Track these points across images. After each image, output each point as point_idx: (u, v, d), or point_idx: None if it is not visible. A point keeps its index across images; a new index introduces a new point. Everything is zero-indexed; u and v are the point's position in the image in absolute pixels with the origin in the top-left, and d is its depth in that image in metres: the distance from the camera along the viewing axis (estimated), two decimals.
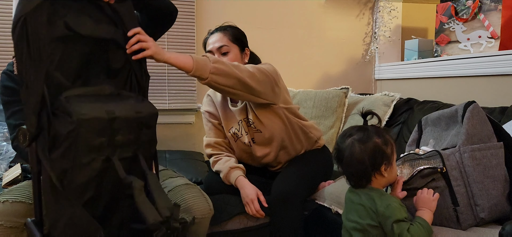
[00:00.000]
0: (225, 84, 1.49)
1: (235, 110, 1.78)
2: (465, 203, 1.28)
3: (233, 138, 1.82)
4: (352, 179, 1.30)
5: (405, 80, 2.65)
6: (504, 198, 1.31)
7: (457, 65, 2.21)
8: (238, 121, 1.78)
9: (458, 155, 1.31)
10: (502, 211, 1.30)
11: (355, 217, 1.28)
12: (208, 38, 1.80)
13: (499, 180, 1.31)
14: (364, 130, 1.27)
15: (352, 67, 2.89)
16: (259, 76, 1.59)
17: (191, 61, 1.41)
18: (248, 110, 1.74)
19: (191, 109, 2.54)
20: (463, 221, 1.27)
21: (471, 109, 1.35)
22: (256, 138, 1.77)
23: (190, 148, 2.55)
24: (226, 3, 2.60)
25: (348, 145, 1.26)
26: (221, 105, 1.84)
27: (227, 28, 1.79)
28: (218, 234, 1.71)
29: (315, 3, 2.77)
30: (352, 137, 1.27)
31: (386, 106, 2.32)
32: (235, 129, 1.80)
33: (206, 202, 1.45)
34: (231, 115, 1.81)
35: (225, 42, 1.74)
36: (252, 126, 1.75)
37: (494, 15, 2.05)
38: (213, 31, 1.80)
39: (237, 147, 1.84)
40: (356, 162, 1.25)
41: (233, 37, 1.77)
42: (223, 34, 1.76)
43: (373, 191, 1.26)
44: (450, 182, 1.28)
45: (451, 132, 1.42)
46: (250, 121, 1.75)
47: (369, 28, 2.90)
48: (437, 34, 2.39)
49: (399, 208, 1.22)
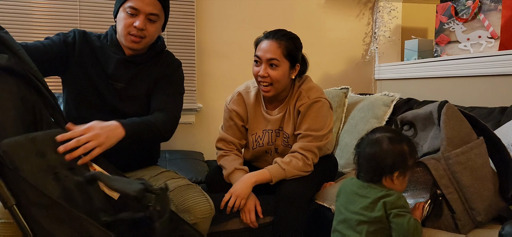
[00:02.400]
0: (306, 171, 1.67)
1: (270, 118, 1.76)
2: (461, 209, 1.27)
3: (254, 142, 1.79)
4: (368, 172, 1.29)
5: (405, 80, 2.65)
6: (497, 195, 1.31)
7: (457, 65, 2.21)
8: (267, 129, 1.77)
9: (443, 162, 1.29)
10: (498, 209, 1.31)
11: (356, 208, 1.27)
12: (261, 41, 1.68)
13: (488, 179, 1.30)
14: (399, 134, 1.30)
15: (352, 67, 2.89)
16: (323, 143, 1.72)
17: (268, 175, 1.63)
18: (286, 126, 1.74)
19: (191, 109, 2.54)
20: (462, 227, 1.27)
21: (445, 112, 1.32)
22: (281, 150, 1.77)
23: (190, 148, 2.55)
24: (226, 3, 2.60)
25: (378, 138, 1.27)
26: (253, 108, 1.78)
27: (283, 38, 1.65)
28: (218, 234, 1.71)
29: (315, 3, 2.77)
30: (384, 133, 1.28)
31: (386, 106, 2.32)
32: (258, 135, 1.78)
33: (207, 202, 1.44)
34: (260, 121, 1.78)
35: (277, 56, 1.63)
36: (285, 141, 1.75)
37: (494, 15, 2.06)
38: (269, 35, 1.67)
39: (253, 151, 1.81)
40: (378, 157, 1.26)
41: (287, 51, 1.65)
42: (278, 45, 1.64)
43: (386, 188, 1.27)
44: (442, 192, 1.27)
45: (429, 134, 1.40)
46: (286, 134, 1.74)
47: (369, 28, 2.90)
48: (437, 34, 2.40)
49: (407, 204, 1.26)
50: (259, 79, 1.66)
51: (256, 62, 1.68)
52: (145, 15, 1.47)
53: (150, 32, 1.50)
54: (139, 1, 1.45)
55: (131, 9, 1.45)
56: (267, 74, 1.64)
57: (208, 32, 2.58)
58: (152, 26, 1.50)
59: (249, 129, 1.80)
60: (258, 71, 1.65)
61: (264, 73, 1.64)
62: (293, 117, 1.73)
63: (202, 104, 2.59)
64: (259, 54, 1.65)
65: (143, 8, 1.46)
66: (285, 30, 1.69)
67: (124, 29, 1.47)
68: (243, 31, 2.62)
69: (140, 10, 1.46)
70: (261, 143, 1.78)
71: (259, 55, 1.65)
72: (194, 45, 2.52)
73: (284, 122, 1.74)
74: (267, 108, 1.78)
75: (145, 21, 1.47)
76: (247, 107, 1.79)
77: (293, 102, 1.73)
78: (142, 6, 1.45)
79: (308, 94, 1.70)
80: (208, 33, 2.58)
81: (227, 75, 2.62)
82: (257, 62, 1.67)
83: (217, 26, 2.59)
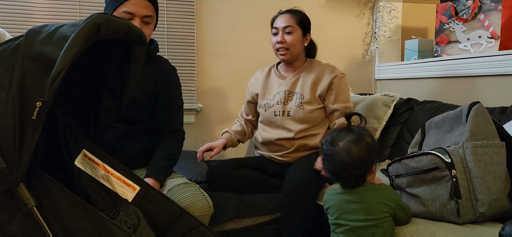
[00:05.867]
0: None
1: (282, 82, 1.98)
2: (467, 197, 1.30)
3: (266, 105, 1.99)
4: (351, 180, 1.31)
5: (405, 80, 2.65)
6: (505, 195, 1.32)
7: (457, 65, 2.21)
8: (278, 91, 1.96)
9: (461, 151, 1.34)
10: (502, 208, 1.31)
11: (359, 216, 1.28)
12: (277, 18, 1.96)
13: (500, 177, 1.32)
14: (353, 131, 1.31)
15: (352, 67, 2.89)
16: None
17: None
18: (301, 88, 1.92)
19: (191, 109, 2.54)
20: (463, 214, 1.30)
21: (475, 109, 1.39)
22: (293, 112, 1.90)
23: (190, 148, 2.55)
24: (226, 3, 2.60)
25: (344, 148, 1.28)
26: (266, 78, 2.05)
27: (296, 12, 1.95)
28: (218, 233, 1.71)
29: (315, 3, 2.77)
30: (345, 140, 1.29)
31: (386, 106, 2.32)
32: (269, 98, 1.99)
33: (205, 200, 1.45)
34: (274, 87, 2.00)
35: (291, 23, 1.91)
36: (299, 102, 1.90)
37: (494, 15, 2.06)
38: (283, 12, 1.97)
39: (265, 114, 1.98)
40: (356, 163, 1.27)
41: (299, 20, 1.92)
42: (291, 16, 1.92)
43: (376, 186, 1.33)
44: (456, 174, 1.31)
45: (454, 134, 1.44)
46: (300, 96, 1.90)
47: (369, 28, 2.90)
48: (437, 34, 2.39)
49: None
50: (277, 45, 1.92)
51: (275, 34, 1.94)
52: (140, 18, 1.48)
53: (146, 34, 1.49)
54: (133, 5, 1.46)
55: (126, 14, 1.46)
56: (284, 40, 1.90)
57: (208, 32, 2.58)
58: (147, 28, 1.51)
59: (262, 95, 2.03)
60: (277, 40, 1.92)
61: (281, 39, 1.90)
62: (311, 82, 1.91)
63: (202, 104, 2.59)
64: (276, 25, 1.93)
65: (138, 11, 1.47)
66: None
67: None
68: (243, 31, 2.62)
69: (136, 13, 1.47)
70: (271, 104, 1.97)
71: (276, 26, 1.93)
72: (194, 45, 2.52)
73: (297, 85, 1.94)
74: (281, 74, 2.02)
75: (141, 24, 1.48)
76: (260, 81, 2.05)
77: (307, 70, 1.96)
78: (137, 9, 1.47)
79: (333, 68, 1.96)
80: (208, 33, 2.58)
81: (227, 75, 2.62)
82: (275, 34, 1.94)
83: (217, 26, 2.59)
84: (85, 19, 0.97)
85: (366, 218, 1.27)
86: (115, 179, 1.25)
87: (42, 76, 0.94)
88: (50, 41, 0.96)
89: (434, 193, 1.36)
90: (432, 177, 1.36)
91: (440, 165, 1.34)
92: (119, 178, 1.26)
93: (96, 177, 1.24)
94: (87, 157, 1.24)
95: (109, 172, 1.25)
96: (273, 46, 1.97)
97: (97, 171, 1.24)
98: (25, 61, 0.95)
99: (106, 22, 0.99)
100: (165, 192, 1.46)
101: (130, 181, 1.26)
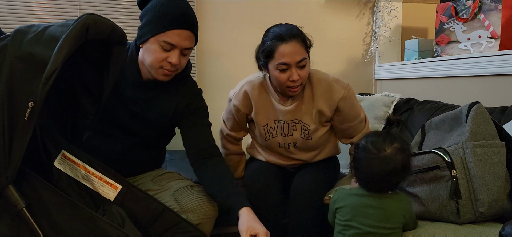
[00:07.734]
0: None
1: (282, 109, 1.65)
2: (467, 197, 1.31)
3: (266, 134, 1.70)
4: (384, 186, 1.30)
5: (405, 80, 2.65)
6: (505, 195, 1.32)
7: (457, 65, 2.21)
8: (279, 120, 1.67)
9: (461, 151, 1.34)
10: (501, 207, 1.32)
11: (375, 222, 1.27)
12: (279, 46, 1.52)
13: (500, 177, 1.32)
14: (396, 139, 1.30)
15: (352, 67, 2.89)
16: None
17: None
18: (305, 117, 1.65)
19: None
20: (463, 214, 1.31)
21: (475, 109, 1.39)
22: (300, 143, 1.69)
23: None
24: (226, 3, 2.60)
25: (391, 155, 1.26)
26: (260, 100, 1.68)
27: (298, 34, 1.55)
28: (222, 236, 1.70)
29: (315, 3, 2.77)
30: (392, 147, 1.27)
31: (386, 107, 2.32)
32: (270, 126, 1.69)
33: (210, 203, 1.44)
34: (271, 111, 1.68)
35: (304, 54, 1.54)
36: (305, 133, 1.66)
37: (494, 15, 2.06)
38: (286, 37, 1.52)
39: (266, 142, 1.72)
40: (398, 171, 1.27)
41: (306, 45, 1.57)
42: (300, 43, 1.53)
43: (396, 195, 1.32)
44: (456, 174, 1.31)
45: (454, 134, 1.44)
46: (306, 126, 1.65)
47: (369, 28, 2.90)
48: (437, 34, 2.39)
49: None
50: (289, 83, 1.54)
51: (283, 71, 1.53)
52: (180, 50, 1.39)
53: (182, 64, 1.44)
54: (177, 36, 1.36)
55: (166, 45, 1.35)
56: (298, 77, 1.53)
57: (208, 32, 2.57)
58: (185, 59, 1.44)
59: (258, 121, 1.70)
60: (289, 77, 1.53)
61: (296, 77, 1.52)
62: (315, 108, 1.64)
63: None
64: (287, 61, 1.51)
65: (181, 43, 1.37)
66: (287, 24, 1.59)
67: (156, 63, 1.38)
68: (243, 31, 2.62)
69: (177, 45, 1.37)
70: (274, 134, 1.69)
71: (287, 61, 1.51)
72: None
73: (300, 113, 1.65)
74: (280, 98, 1.68)
75: (180, 56, 1.40)
76: (252, 102, 1.69)
77: (308, 92, 1.65)
78: (179, 41, 1.36)
79: (338, 86, 1.65)
80: (208, 33, 2.58)
81: (227, 75, 2.62)
82: (284, 70, 1.53)
83: (217, 26, 2.59)
84: (74, 20, 0.97)
85: (381, 225, 1.26)
86: (96, 179, 1.24)
87: (31, 77, 0.93)
88: (39, 41, 0.95)
89: (434, 193, 1.36)
90: (432, 176, 1.36)
91: (441, 164, 1.34)
92: (100, 177, 1.25)
93: (76, 177, 1.22)
94: (67, 158, 1.23)
95: (89, 171, 1.24)
96: (280, 83, 1.57)
97: (77, 172, 1.23)
98: (13, 62, 0.94)
99: (94, 22, 0.98)
100: (171, 194, 1.46)
101: (111, 180, 1.25)
